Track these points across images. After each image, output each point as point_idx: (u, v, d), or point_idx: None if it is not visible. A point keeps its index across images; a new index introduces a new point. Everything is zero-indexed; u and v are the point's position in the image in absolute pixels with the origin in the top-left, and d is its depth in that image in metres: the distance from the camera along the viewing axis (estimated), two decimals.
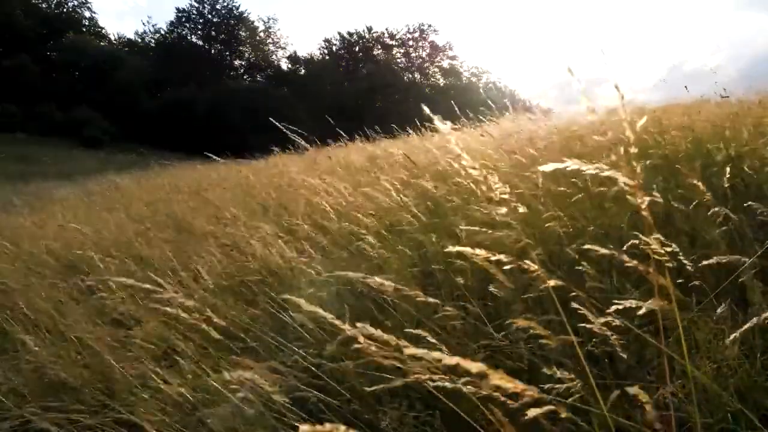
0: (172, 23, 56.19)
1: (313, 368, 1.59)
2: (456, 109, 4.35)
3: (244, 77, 58.36)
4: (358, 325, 0.81)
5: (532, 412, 0.78)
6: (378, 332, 0.80)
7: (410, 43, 60.92)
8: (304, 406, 1.46)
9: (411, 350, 0.74)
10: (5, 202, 8.44)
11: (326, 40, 60.46)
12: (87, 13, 55.63)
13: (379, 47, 60.64)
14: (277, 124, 3.50)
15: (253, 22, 58.21)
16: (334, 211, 3.10)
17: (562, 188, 2.50)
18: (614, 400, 1.09)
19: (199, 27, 56.56)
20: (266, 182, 5.42)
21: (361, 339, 0.82)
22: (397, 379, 1.04)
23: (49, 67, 46.73)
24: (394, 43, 60.80)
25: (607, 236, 2.16)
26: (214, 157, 4.23)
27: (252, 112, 41.72)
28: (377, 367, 1.53)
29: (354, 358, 1.62)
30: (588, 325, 1.15)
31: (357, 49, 60.14)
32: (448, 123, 0.86)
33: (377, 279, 0.99)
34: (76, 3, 54.50)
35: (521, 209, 0.95)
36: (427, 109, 0.90)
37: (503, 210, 0.93)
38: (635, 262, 0.97)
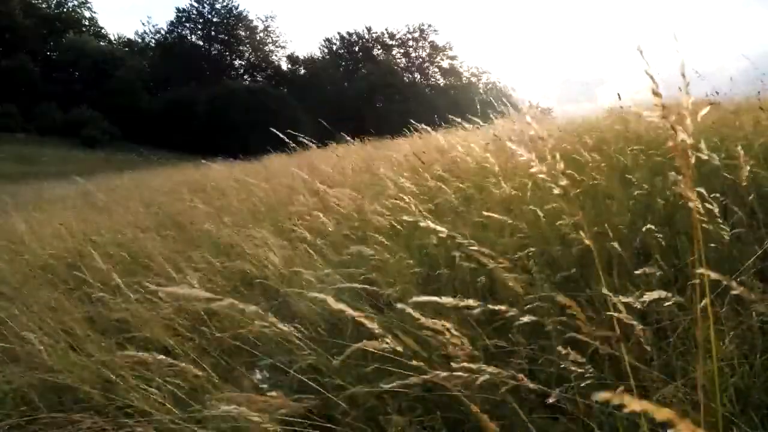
0: (172, 23, 56.27)
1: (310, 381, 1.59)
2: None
3: (244, 77, 58.38)
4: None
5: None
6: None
7: (410, 43, 61.01)
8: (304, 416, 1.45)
9: None
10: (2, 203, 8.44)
11: (326, 40, 60.58)
12: (87, 13, 55.77)
13: (379, 47, 60.68)
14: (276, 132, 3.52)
15: (252, 22, 58.30)
16: None
17: None
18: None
19: (199, 27, 56.59)
20: None
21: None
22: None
23: (49, 67, 46.75)
24: (393, 43, 60.87)
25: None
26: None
27: (252, 112, 41.75)
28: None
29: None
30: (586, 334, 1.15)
31: (357, 49, 60.17)
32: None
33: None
34: (76, 3, 54.58)
35: None
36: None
37: None
38: None
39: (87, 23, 55.21)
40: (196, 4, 55.75)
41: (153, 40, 57.73)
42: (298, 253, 2.64)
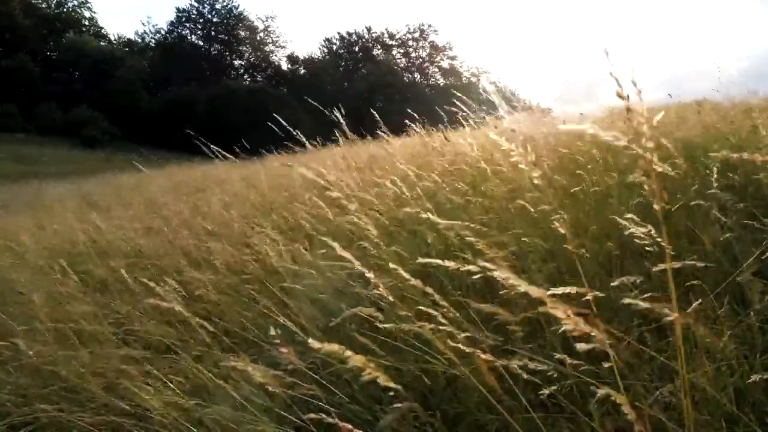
0: (172, 23, 56.30)
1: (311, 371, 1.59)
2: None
3: (244, 77, 58.38)
4: None
5: None
6: None
7: (410, 43, 61.00)
8: (302, 407, 1.45)
9: None
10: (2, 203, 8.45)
11: (326, 40, 60.61)
12: (87, 13, 55.81)
13: (379, 47, 60.69)
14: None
15: (252, 22, 58.33)
16: None
17: None
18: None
19: (199, 27, 56.60)
20: None
21: None
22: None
23: (49, 67, 46.75)
24: (393, 43, 60.87)
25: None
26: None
27: (252, 112, 41.74)
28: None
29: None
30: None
31: (357, 49, 60.18)
32: None
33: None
34: (76, 3, 54.60)
35: None
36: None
37: None
38: None
39: (87, 23, 55.25)
40: (196, 4, 55.80)
41: (153, 40, 57.81)
42: (299, 251, 2.64)
